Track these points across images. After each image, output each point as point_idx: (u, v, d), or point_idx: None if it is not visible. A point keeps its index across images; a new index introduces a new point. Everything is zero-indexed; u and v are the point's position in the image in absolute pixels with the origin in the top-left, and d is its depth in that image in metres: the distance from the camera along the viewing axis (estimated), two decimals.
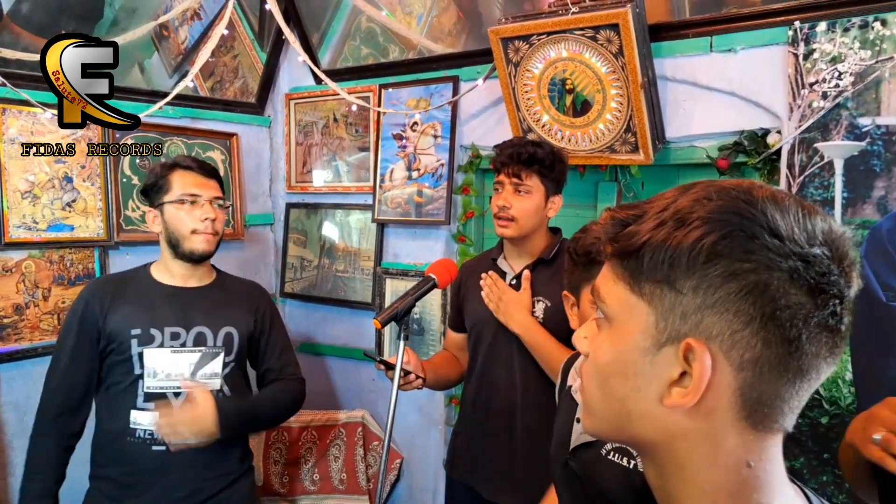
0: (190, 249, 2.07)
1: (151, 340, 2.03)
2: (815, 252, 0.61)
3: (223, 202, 2.15)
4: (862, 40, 1.88)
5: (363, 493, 3.08)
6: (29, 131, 2.47)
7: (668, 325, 0.64)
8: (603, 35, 2.13)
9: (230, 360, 2.13)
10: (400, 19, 3.04)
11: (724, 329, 0.62)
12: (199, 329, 2.09)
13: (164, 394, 2.03)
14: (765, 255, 0.60)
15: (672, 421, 0.66)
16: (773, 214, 0.61)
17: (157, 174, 2.09)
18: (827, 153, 1.95)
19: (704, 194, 0.64)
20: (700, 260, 0.61)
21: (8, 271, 2.46)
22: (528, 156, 2.03)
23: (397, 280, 3.07)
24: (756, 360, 0.62)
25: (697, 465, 0.66)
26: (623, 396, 0.68)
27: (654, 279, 0.65)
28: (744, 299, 0.61)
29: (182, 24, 3.22)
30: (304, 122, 3.39)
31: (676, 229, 0.63)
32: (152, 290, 2.10)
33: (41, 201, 2.52)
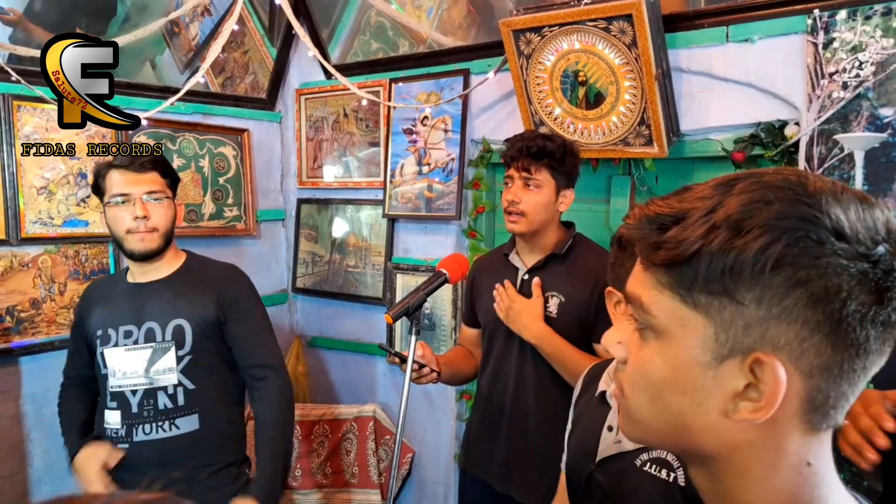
0: (129, 249, 2.04)
1: (109, 340, 2.04)
2: (880, 250, 0.59)
3: (161, 196, 2.05)
4: (884, 28, 1.84)
5: (375, 486, 3.09)
6: (44, 128, 2.48)
7: (730, 337, 0.62)
8: (616, 26, 2.11)
9: (184, 353, 2.06)
10: (410, 13, 3.02)
11: (792, 338, 0.60)
12: (149, 325, 2.05)
13: (122, 392, 2.02)
14: (833, 260, 0.58)
15: (736, 432, 0.64)
16: (836, 214, 0.59)
17: (96, 174, 2.05)
18: (847, 145, 1.92)
19: (759, 196, 0.61)
20: (765, 271, 0.59)
21: (24, 266, 2.48)
22: (538, 149, 2.00)
23: (408, 275, 3.06)
24: (826, 365, 0.60)
25: (759, 471, 0.65)
26: (681, 411, 0.66)
27: (710, 291, 0.62)
28: (812, 307, 0.58)
29: (193, 21, 3.21)
30: (314, 117, 3.39)
31: (735, 237, 0.60)
32: (118, 289, 2.11)
33: (56, 197, 2.54)
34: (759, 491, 0.65)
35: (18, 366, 2.50)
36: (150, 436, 2.01)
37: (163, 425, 2.02)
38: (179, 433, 2.03)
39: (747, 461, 0.64)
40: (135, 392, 2.02)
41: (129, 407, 2.02)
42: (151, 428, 2.02)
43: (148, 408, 2.02)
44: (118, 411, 2.02)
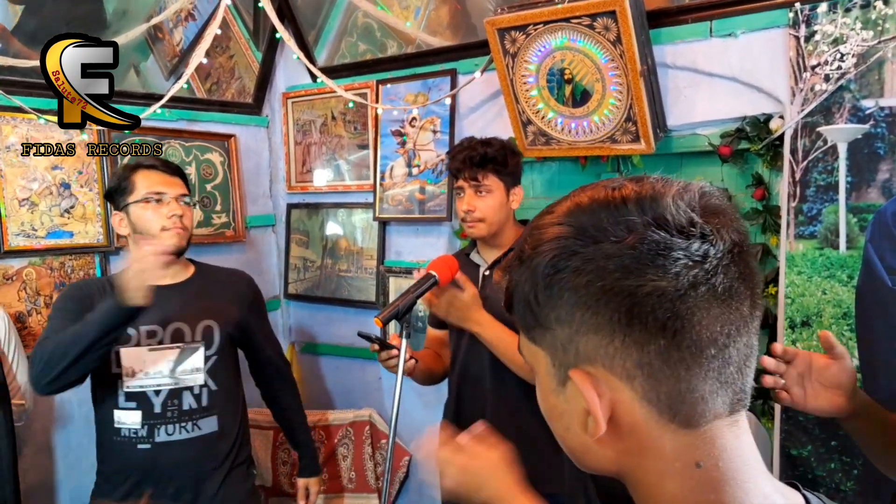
0: None
1: (128, 340, 2.01)
2: (640, 237, 0.57)
3: (189, 199, 2.12)
4: (864, 20, 1.84)
5: (372, 491, 3.08)
6: (25, 138, 2.46)
7: (560, 361, 0.64)
8: (600, 23, 2.10)
9: (211, 353, 2.09)
10: (397, 14, 3.01)
11: (598, 347, 0.60)
12: (177, 325, 2.06)
13: (144, 392, 2.01)
14: (592, 264, 0.58)
15: (607, 448, 0.63)
16: (586, 222, 0.60)
17: (120, 176, 2.06)
18: (830, 137, 1.92)
19: (537, 223, 0.64)
20: (546, 292, 0.61)
21: (9, 279, 2.46)
22: (481, 157, 2.08)
23: (401, 278, 3.05)
24: (639, 363, 0.59)
25: (650, 480, 0.63)
26: (563, 437, 0.68)
27: (529, 324, 0.65)
28: (598, 312, 0.59)
29: (176, 26, 3.20)
30: (302, 120, 3.37)
31: (519, 269, 0.64)
32: None
33: (39, 208, 2.51)
34: (659, 498, 0.63)
35: None
36: (172, 436, 2.02)
37: (186, 426, 2.04)
38: (201, 434, 2.06)
39: (636, 471, 0.64)
40: (158, 392, 2.02)
41: (150, 407, 2.01)
42: (175, 429, 2.03)
43: (172, 408, 2.03)
44: (139, 412, 2.01)
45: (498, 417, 2.14)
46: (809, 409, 1.32)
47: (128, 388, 2.01)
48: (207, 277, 2.21)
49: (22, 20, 2.60)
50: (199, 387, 2.06)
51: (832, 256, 1.92)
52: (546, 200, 2.73)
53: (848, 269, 1.89)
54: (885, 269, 1.82)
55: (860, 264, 1.87)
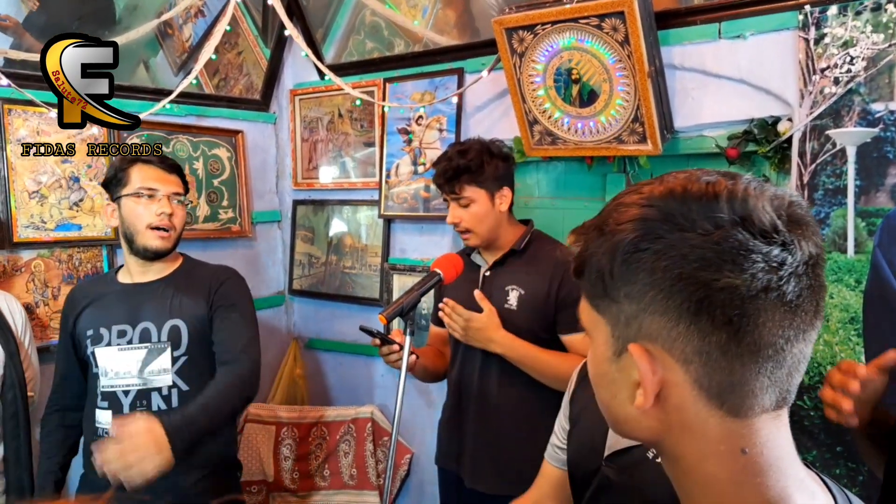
0: (143, 245, 2.02)
1: (101, 339, 2.02)
2: (725, 234, 0.60)
3: (183, 198, 2.10)
4: (874, 24, 1.83)
5: (373, 488, 3.08)
6: (35, 131, 2.48)
7: (620, 333, 0.67)
8: (608, 23, 2.10)
9: (180, 353, 2.04)
10: (405, 12, 3.02)
11: (662, 328, 0.63)
12: (145, 325, 2.04)
13: (114, 392, 2.01)
14: (675, 251, 0.61)
15: (651, 420, 0.67)
16: (676, 209, 0.63)
17: (117, 167, 2.06)
18: (839, 140, 1.91)
19: (624, 199, 0.67)
20: (623, 267, 0.64)
21: (17, 271, 2.47)
22: (454, 170, 2.08)
23: (405, 276, 3.06)
24: (699, 350, 0.62)
25: (690, 458, 0.67)
26: (608, 404, 0.72)
27: (597, 294, 0.68)
28: (670, 296, 0.62)
29: (186, 22, 3.21)
30: (309, 117, 3.38)
31: (598, 240, 0.67)
32: (110, 290, 2.10)
33: (49, 201, 2.53)
34: (697, 476, 0.67)
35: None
36: None
37: None
38: None
39: (676, 447, 0.67)
40: (127, 392, 2.01)
41: (120, 407, 2.00)
42: None
43: (141, 409, 2.00)
44: (110, 411, 2.00)
45: (485, 422, 2.16)
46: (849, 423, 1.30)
47: (102, 387, 2.02)
48: (189, 274, 2.16)
49: (34, 14, 2.61)
50: (167, 388, 2.02)
51: (840, 260, 1.91)
52: (552, 200, 2.73)
53: (856, 273, 1.88)
54: (894, 273, 1.82)
55: (868, 269, 1.86)
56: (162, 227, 2.01)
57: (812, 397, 1.93)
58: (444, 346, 2.38)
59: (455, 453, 2.26)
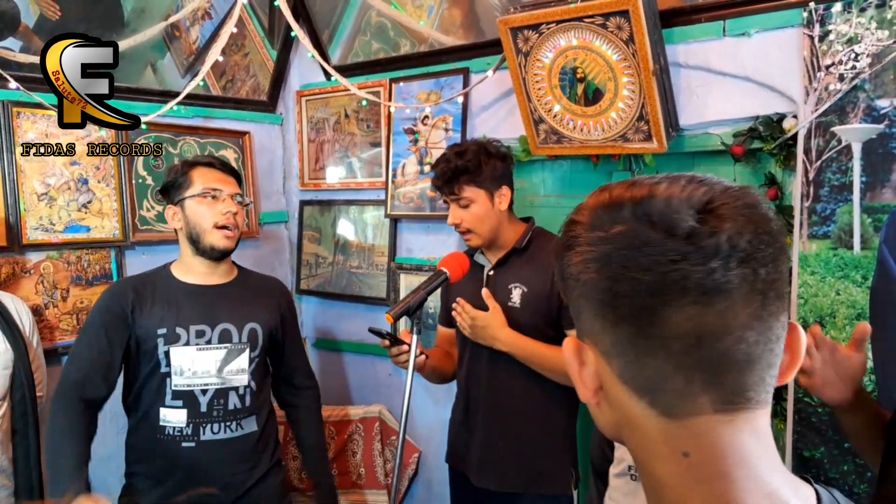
0: (210, 244, 2.08)
1: (177, 339, 2.05)
2: (624, 231, 0.62)
3: (243, 199, 2.18)
4: (879, 20, 1.83)
5: (382, 487, 3.09)
6: (44, 134, 2.50)
7: (578, 328, 0.71)
8: (613, 22, 2.10)
9: (255, 355, 2.15)
10: (410, 13, 3.03)
11: (590, 324, 0.66)
12: (224, 326, 2.11)
13: (191, 391, 2.05)
14: (582, 254, 0.65)
15: (604, 415, 0.70)
16: (597, 213, 0.66)
17: (178, 171, 2.12)
18: (844, 137, 1.91)
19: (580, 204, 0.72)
20: (560, 269, 0.69)
21: (26, 273, 2.49)
22: (452, 172, 2.09)
23: (412, 275, 3.07)
24: (614, 343, 0.64)
25: (641, 455, 0.67)
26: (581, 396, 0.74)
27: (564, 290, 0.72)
28: (588, 295, 0.65)
29: (193, 24, 3.22)
30: (315, 118, 3.39)
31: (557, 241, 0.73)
32: (175, 289, 2.12)
33: (57, 203, 2.55)
34: (649, 475, 0.66)
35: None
36: (217, 435, 2.06)
37: (230, 425, 2.08)
38: (243, 433, 2.11)
39: (630, 444, 0.69)
40: (205, 391, 2.06)
41: (197, 406, 2.05)
42: (220, 427, 2.07)
43: (218, 407, 2.07)
44: (184, 410, 2.04)
45: (493, 420, 2.16)
46: (821, 396, 1.36)
47: (175, 386, 2.05)
48: (249, 281, 2.28)
49: (42, 18, 2.62)
50: (243, 387, 2.11)
51: (846, 257, 1.91)
52: (557, 199, 2.74)
53: (862, 269, 1.88)
54: None
55: (874, 265, 1.86)
56: (227, 226, 2.09)
57: None
58: (451, 346, 2.39)
59: (463, 452, 2.27)
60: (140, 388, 2.09)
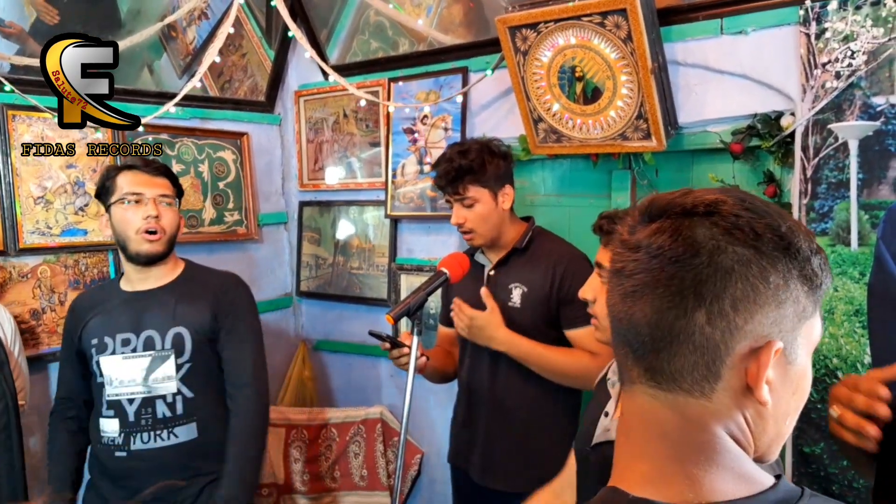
0: (135, 251, 2.03)
1: (105, 348, 2.03)
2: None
3: (171, 200, 2.09)
4: (874, 18, 1.83)
5: (384, 488, 3.09)
6: (40, 137, 2.49)
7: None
8: (611, 21, 2.10)
9: (184, 360, 2.06)
10: (409, 11, 3.02)
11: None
12: (148, 333, 2.05)
13: (119, 400, 2.02)
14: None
15: None
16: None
17: (104, 176, 2.07)
18: (841, 134, 1.91)
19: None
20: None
21: (24, 277, 2.48)
22: (456, 171, 2.08)
23: (412, 275, 3.06)
24: None
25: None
26: None
27: None
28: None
29: (190, 25, 3.22)
30: (314, 118, 3.39)
31: None
32: (113, 298, 2.11)
33: (54, 206, 2.54)
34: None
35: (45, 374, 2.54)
36: (147, 445, 2.01)
37: (161, 434, 2.02)
38: (178, 442, 2.04)
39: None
40: (132, 401, 2.02)
41: (125, 416, 2.02)
42: (150, 437, 2.02)
43: (146, 416, 2.02)
44: (115, 419, 2.02)
45: (495, 419, 2.17)
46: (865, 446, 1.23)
47: (108, 396, 2.03)
48: (192, 281, 2.17)
49: (38, 20, 2.62)
50: (171, 395, 2.04)
51: (844, 253, 1.91)
52: (557, 198, 2.74)
53: (860, 266, 1.88)
54: None
55: (872, 261, 1.86)
56: (150, 230, 2.02)
57: (819, 390, 1.94)
58: (452, 346, 2.39)
59: (465, 452, 2.27)
60: (90, 399, 2.13)
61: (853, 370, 1.89)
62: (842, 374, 1.90)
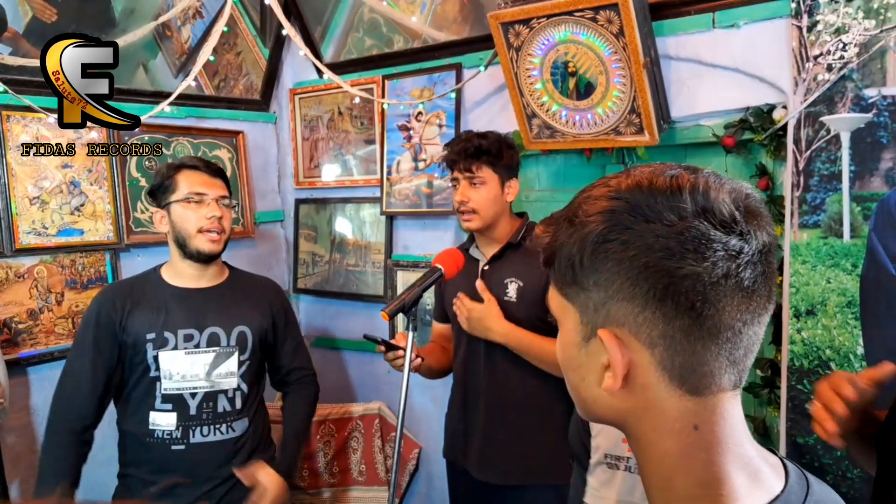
0: (196, 249, 2.07)
1: (166, 343, 2.05)
2: (688, 225, 0.64)
3: (229, 201, 2.16)
4: (866, 10, 1.84)
5: (383, 483, 3.10)
6: (35, 137, 2.49)
7: (589, 319, 0.70)
8: (603, 15, 2.10)
9: (245, 358, 2.15)
10: (403, 8, 3.02)
11: (628, 314, 0.67)
12: (213, 329, 2.11)
13: (181, 394, 2.06)
14: (641, 240, 0.64)
15: (616, 401, 0.70)
16: (642, 201, 0.66)
17: (164, 174, 2.11)
18: (833, 126, 1.92)
19: (594, 192, 0.70)
20: (592, 257, 0.67)
21: (20, 277, 2.48)
22: (475, 148, 2.10)
23: (408, 272, 3.07)
24: (663, 334, 0.66)
25: (649, 436, 0.70)
26: (576, 387, 0.76)
27: (567, 282, 0.71)
28: (636, 284, 0.65)
29: (184, 24, 3.22)
30: (309, 116, 3.39)
31: (569, 229, 0.70)
32: (164, 293, 2.12)
33: (50, 206, 2.54)
34: (654, 454, 0.70)
35: (27, 376, 2.51)
36: (207, 438, 2.07)
37: (220, 428, 2.09)
38: (234, 436, 2.11)
39: (637, 426, 0.71)
40: (194, 395, 2.07)
41: (186, 409, 2.06)
42: (209, 430, 2.07)
43: (207, 410, 2.08)
44: (174, 413, 2.05)
45: (492, 413, 2.18)
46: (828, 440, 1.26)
47: (165, 390, 2.05)
48: (240, 282, 2.26)
49: (32, 21, 2.62)
50: (232, 390, 2.11)
51: (836, 245, 1.92)
52: (551, 193, 2.74)
53: (852, 257, 1.89)
54: (889, 257, 1.83)
55: (864, 253, 1.87)
56: (213, 230, 2.07)
57: (812, 381, 1.95)
58: (447, 342, 2.40)
59: (462, 446, 2.28)
60: (130, 392, 2.09)
61: (846, 361, 1.90)
62: (835, 365, 1.91)
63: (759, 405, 2.23)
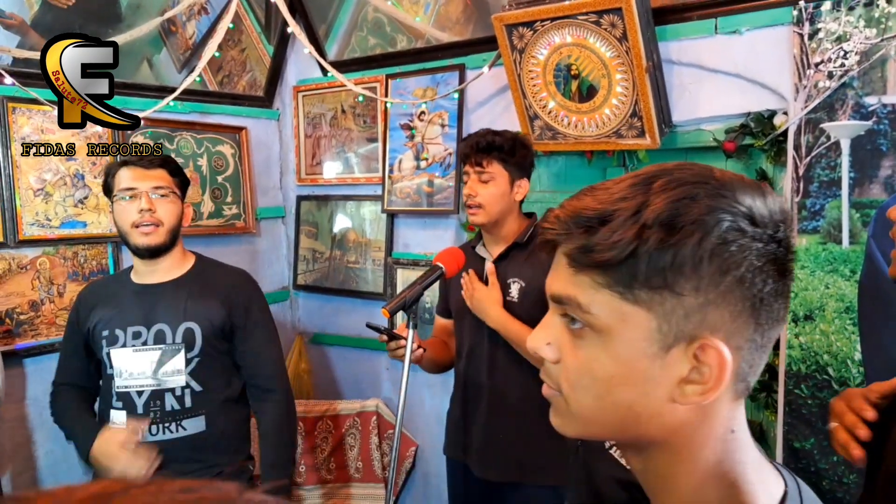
0: (134, 245, 2.05)
1: (116, 340, 2.04)
2: (784, 237, 0.65)
3: (166, 192, 2.08)
4: (867, 19, 1.86)
5: (379, 480, 3.11)
6: (39, 129, 2.50)
7: (672, 327, 0.64)
8: (606, 19, 2.12)
9: (193, 355, 2.07)
10: (407, 8, 3.04)
11: (726, 320, 0.64)
12: (159, 326, 2.06)
13: (128, 392, 2.04)
14: (752, 244, 0.63)
15: (680, 415, 0.67)
16: (748, 203, 0.64)
17: (106, 173, 2.09)
18: (833, 133, 1.93)
19: (683, 193, 0.64)
20: (702, 263, 0.62)
21: (23, 268, 2.49)
22: (487, 144, 2.12)
23: (408, 270, 3.09)
24: (749, 340, 0.65)
25: (691, 447, 0.68)
26: (631, 403, 0.67)
27: (650, 286, 0.64)
28: (738, 289, 0.63)
29: (189, 19, 3.23)
30: (312, 114, 3.41)
31: (670, 235, 0.63)
32: (123, 290, 2.12)
33: (53, 198, 2.55)
34: (688, 464, 0.69)
35: (23, 367, 2.52)
36: (156, 437, 2.02)
37: (169, 426, 2.04)
38: (186, 434, 2.05)
39: (684, 440, 0.68)
40: (141, 393, 2.04)
41: (134, 407, 2.03)
42: (158, 429, 2.03)
43: (154, 409, 2.04)
44: (123, 412, 2.03)
45: (494, 410, 2.19)
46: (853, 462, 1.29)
47: (117, 388, 2.05)
48: (203, 275, 2.18)
49: (39, 13, 2.63)
50: (180, 388, 2.05)
51: (835, 251, 1.94)
52: (553, 194, 2.76)
53: (851, 263, 1.91)
54: (887, 263, 1.84)
55: (863, 259, 1.89)
56: (145, 223, 2.02)
57: (809, 386, 1.96)
58: (448, 337, 2.41)
59: (463, 443, 2.29)
60: (102, 388, 2.13)
61: (843, 367, 1.91)
62: (832, 370, 1.92)
63: (756, 409, 2.24)
